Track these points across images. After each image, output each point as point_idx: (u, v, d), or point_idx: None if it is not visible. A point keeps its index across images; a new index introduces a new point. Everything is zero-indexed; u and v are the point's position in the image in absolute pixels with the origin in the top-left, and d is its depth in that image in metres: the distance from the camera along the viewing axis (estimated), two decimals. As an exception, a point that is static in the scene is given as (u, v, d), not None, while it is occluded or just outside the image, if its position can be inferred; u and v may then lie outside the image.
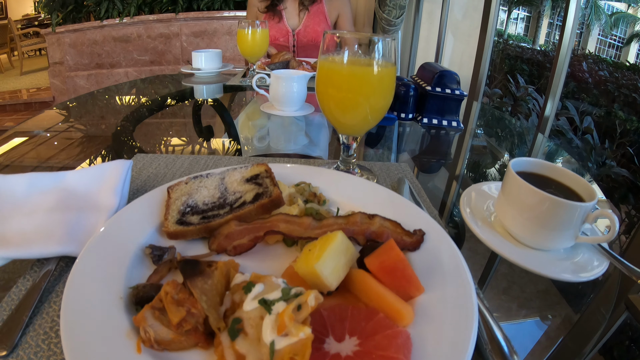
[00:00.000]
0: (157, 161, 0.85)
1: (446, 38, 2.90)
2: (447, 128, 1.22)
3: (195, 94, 1.69)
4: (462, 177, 1.02)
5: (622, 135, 4.39)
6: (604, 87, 6.86)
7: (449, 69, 1.21)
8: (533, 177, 0.65)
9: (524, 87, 3.62)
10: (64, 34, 3.98)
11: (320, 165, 0.83)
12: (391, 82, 0.70)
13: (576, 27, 1.71)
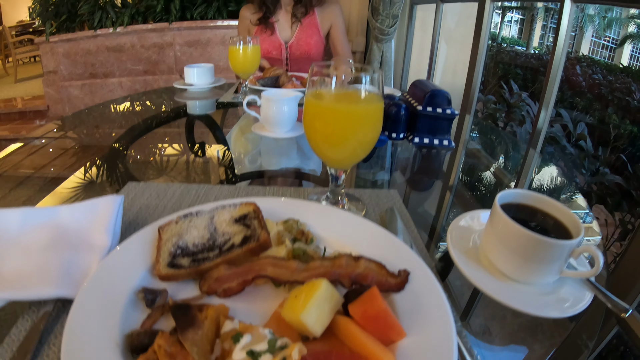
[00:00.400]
0: (148, 190, 0.86)
1: (439, 46, 2.91)
2: (438, 147, 1.23)
3: (188, 109, 1.70)
4: (453, 198, 1.03)
5: (615, 139, 4.41)
6: (597, 90, 6.88)
7: (440, 87, 1.21)
8: (520, 208, 0.66)
9: (518, 94, 3.63)
10: (57, 44, 3.99)
11: (310, 195, 0.84)
12: (379, 115, 0.71)
13: (567, 45, 1.73)
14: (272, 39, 2.16)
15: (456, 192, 1.07)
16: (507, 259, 0.60)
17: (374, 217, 0.78)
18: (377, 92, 0.70)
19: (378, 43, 2.81)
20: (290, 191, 0.87)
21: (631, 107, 5.96)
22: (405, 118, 1.20)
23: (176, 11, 3.66)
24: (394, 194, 0.88)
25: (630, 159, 3.46)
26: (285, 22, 2.18)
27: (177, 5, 3.66)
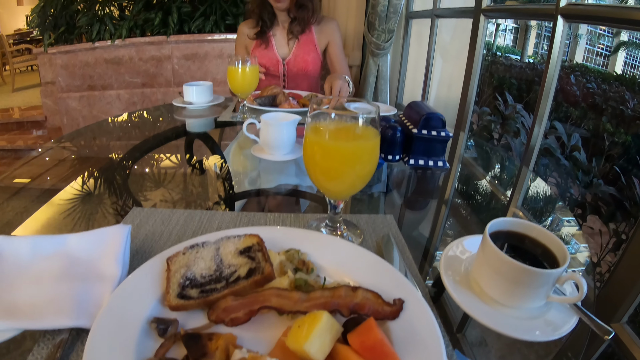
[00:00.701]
0: (153, 217, 0.89)
1: (435, 59, 2.95)
2: (433, 168, 1.26)
3: (187, 127, 1.73)
4: (447, 219, 1.07)
5: (610, 148, 4.44)
6: (591, 100, 6.93)
7: (434, 109, 1.25)
8: (510, 235, 0.69)
9: (512, 106, 3.67)
10: (55, 55, 4.00)
11: (309, 221, 0.87)
12: (376, 149, 0.75)
13: (560, 62, 1.76)
14: (269, 55, 2.16)
15: (451, 213, 1.10)
16: (496, 286, 0.64)
17: (371, 244, 0.81)
18: (374, 126, 0.73)
19: (374, 57, 2.84)
20: (290, 217, 0.90)
21: (625, 116, 6.00)
22: (401, 140, 1.24)
23: (174, 24, 3.69)
24: (390, 220, 0.91)
25: (624, 170, 3.50)
26: (282, 37, 2.19)
27: (175, 19, 3.69)
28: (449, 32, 3.02)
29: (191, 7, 3.82)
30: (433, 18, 2.81)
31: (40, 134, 5.12)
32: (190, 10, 3.80)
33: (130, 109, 4.03)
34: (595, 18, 1.64)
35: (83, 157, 1.52)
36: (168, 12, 3.78)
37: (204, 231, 0.83)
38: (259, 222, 0.88)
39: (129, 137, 1.67)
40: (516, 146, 3.27)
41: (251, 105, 1.70)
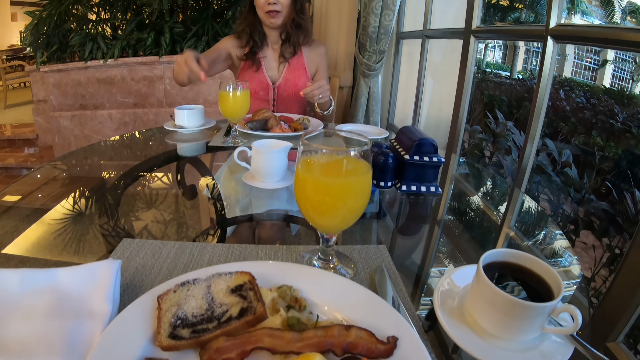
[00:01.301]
0: (143, 249, 0.88)
1: (426, 79, 2.97)
2: (425, 194, 1.26)
3: (178, 151, 1.73)
4: (438, 246, 1.07)
5: (601, 161, 4.48)
6: (581, 114, 6.99)
7: (426, 135, 1.26)
8: (504, 266, 0.70)
9: (503, 123, 3.70)
10: (48, 74, 4.00)
11: (301, 253, 0.87)
12: (368, 183, 0.75)
13: (550, 83, 1.78)
14: (259, 78, 2.11)
15: (444, 238, 1.11)
16: (490, 318, 0.64)
17: (364, 276, 0.81)
18: (366, 160, 0.73)
19: (365, 78, 2.86)
20: (282, 250, 0.90)
21: (615, 130, 6.05)
22: (393, 167, 1.24)
23: (166, 45, 3.70)
24: (382, 250, 0.91)
25: (615, 184, 3.52)
26: (272, 60, 2.14)
27: (167, 39, 3.70)
28: (439, 52, 3.05)
29: (183, 27, 3.84)
30: (424, 39, 2.84)
31: (32, 152, 5.10)
32: (182, 31, 3.82)
33: (122, 129, 4.03)
34: (584, 39, 1.67)
35: (74, 177, 1.53)
36: (160, 33, 3.79)
37: (194, 265, 0.83)
38: (251, 255, 0.87)
39: (121, 160, 1.67)
40: (508, 164, 3.29)
41: (242, 130, 1.70)
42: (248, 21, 2.06)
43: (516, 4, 14.00)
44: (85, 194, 1.30)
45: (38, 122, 4.96)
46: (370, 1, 2.62)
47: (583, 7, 13.16)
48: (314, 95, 1.78)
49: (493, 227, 1.23)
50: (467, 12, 2.26)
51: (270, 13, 1.93)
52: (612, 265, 2.75)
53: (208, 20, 3.78)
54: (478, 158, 3.48)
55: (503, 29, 2.42)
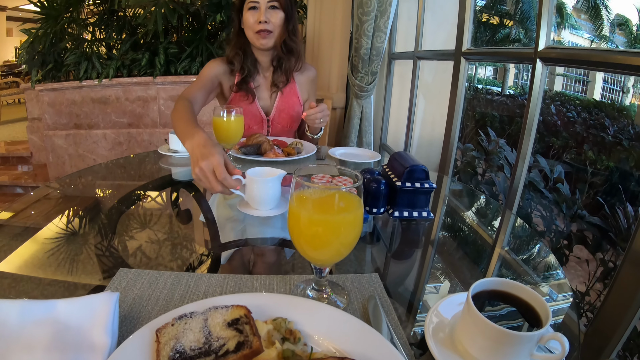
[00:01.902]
0: (140, 279, 0.89)
1: (417, 99, 3.00)
2: (417, 219, 1.28)
3: (173, 175, 1.75)
4: (431, 271, 1.09)
5: (593, 175, 4.51)
6: (572, 128, 7.04)
7: (418, 162, 1.28)
8: (493, 294, 0.72)
9: (495, 141, 3.74)
10: (43, 92, 4.02)
11: (296, 283, 0.89)
12: (361, 217, 0.76)
13: (540, 104, 1.81)
14: (252, 111, 2.03)
15: (438, 264, 1.12)
16: (480, 347, 0.66)
17: (357, 306, 0.82)
18: (359, 195, 0.75)
19: (358, 99, 2.89)
20: (277, 280, 0.91)
21: (606, 143, 6.10)
22: (385, 193, 1.26)
23: (161, 65, 3.73)
24: (375, 279, 0.92)
25: (607, 198, 3.56)
26: (264, 89, 2.06)
27: (161, 60, 3.73)
28: (430, 71, 3.09)
29: (178, 48, 3.87)
30: (415, 60, 2.88)
31: (26, 170, 5.09)
32: (177, 52, 3.84)
33: (116, 149, 4.03)
34: (573, 61, 1.70)
35: (70, 197, 1.55)
36: (155, 53, 3.82)
37: (191, 296, 0.84)
38: (246, 286, 0.88)
39: (115, 180, 1.68)
40: (500, 182, 3.32)
41: (236, 155, 1.71)
42: (238, 47, 1.96)
43: (506, 21, 14.18)
44: (80, 214, 1.32)
45: (32, 140, 4.96)
46: (363, 23, 2.66)
47: (572, 22, 13.32)
48: (315, 119, 1.74)
49: (486, 248, 1.26)
50: (458, 34, 2.30)
51: (260, 33, 1.85)
52: (606, 280, 2.78)
53: (202, 42, 3.82)
54: (470, 176, 3.51)
55: (493, 51, 2.46)
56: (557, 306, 0.91)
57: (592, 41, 14.53)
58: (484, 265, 1.15)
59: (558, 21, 12.18)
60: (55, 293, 0.92)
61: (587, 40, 14.90)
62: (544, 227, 3.32)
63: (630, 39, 11.80)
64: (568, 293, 0.96)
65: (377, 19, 2.65)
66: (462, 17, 2.27)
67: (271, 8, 1.83)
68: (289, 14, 1.87)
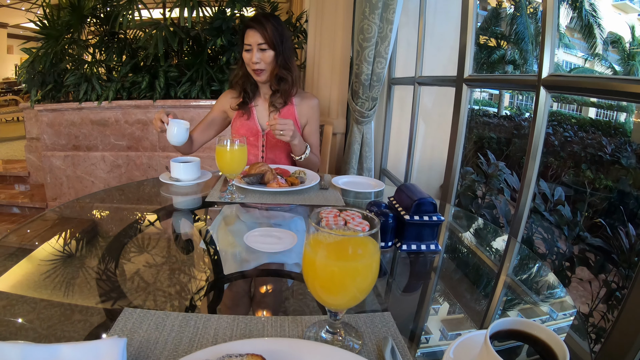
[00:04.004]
0: (147, 320, 0.87)
1: (418, 125, 3.00)
2: (425, 252, 1.27)
3: (174, 204, 1.74)
4: (441, 304, 1.07)
5: (592, 194, 4.51)
6: (570, 148, 7.08)
7: (426, 194, 1.27)
8: (511, 334, 0.71)
9: (495, 164, 3.74)
10: (42, 112, 4.01)
11: (308, 326, 0.87)
12: (377, 262, 0.76)
13: (544, 132, 1.80)
14: (249, 125, 2.23)
15: (447, 296, 1.11)
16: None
17: (372, 347, 0.81)
18: (375, 240, 0.74)
19: (358, 125, 2.89)
20: (288, 321, 0.89)
21: (604, 161, 6.12)
22: (393, 227, 1.25)
23: (160, 88, 3.73)
24: (388, 318, 0.91)
25: (608, 218, 3.55)
26: (263, 109, 2.25)
27: (161, 83, 3.73)
28: (430, 96, 3.10)
29: (178, 71, 3.87)
30: (415, 85, 2.88)
31: (23, 190, 5.07)
32: (177, 75, 3.85)
33: (115, 172, 4.02)
34: (577, 89, 1.69)
35: (71, 220, 1.56)
36: (155, 76, 3.82)
37: (200, 339, 0.82)
38: (256, 328, 0.86)
39: (116, 214, 1.67)
40: (501, 206, 3.31)
41: (239, 185, 1.71)
42: (242, 74, 2.22)
43: (502, 43, 14.32)
44: (79, 238, 1.31)
45: (30, 159, 4.95)
46: (363, 49, 2.68)
47: (566, 41, 13.44)
48: (274, 129, 1.87)
49: (495, 279, 1.24)
50: (459, 60, 2.31)
51: (255, 71, 2.11)
52: (609, 301, 2.76)
53: (202, 65, 3.82)
54: (471, 200, 3.51)
55: (495, 78, 2.47)
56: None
57: (585, 59, 14.73)
58: (494, 298, 1.13)
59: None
60: (51, 316, 0.91)
61: (581, 58, 15.10)
62: (545, 250, 3.31)
63: (623, 56, 11.93)
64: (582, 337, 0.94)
65: (378, 45, 2.67)
66: (463, 43, 2.28)
67: (261, 50, 2.06)
68: (278, 50, 2.08)
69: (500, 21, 14.41)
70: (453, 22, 2.99)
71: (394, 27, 2.62)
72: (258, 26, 2.03)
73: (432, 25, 3.03)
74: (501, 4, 14.49)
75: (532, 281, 1.25)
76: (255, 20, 2.05)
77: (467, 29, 2.26)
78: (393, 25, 2.61)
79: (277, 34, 2.04)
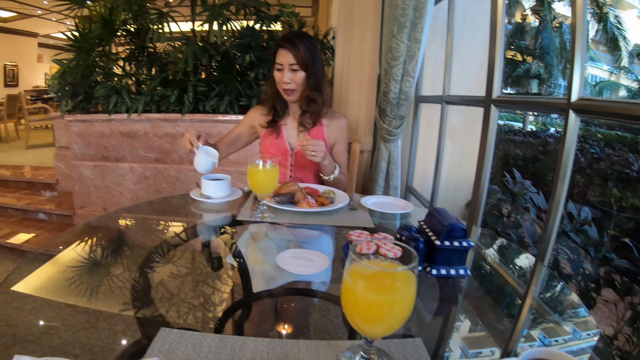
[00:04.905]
0: (183, 341, 0.89)
1: (445, 142, 3.00)
2: (455, 277, 1.27)
3: (204, 220, 1.78)
4: (469, 329, 1.07)
5: (618, 212, 4.44)
6: (596, 165, 6.98)
7: (456, 220, 1.28)
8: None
9: (521, 183, 3.71)
10: (72, 122, 4.10)
11: (342, 351, 0.88)
12: (414, 293, 0.77)
13: (573, 156, 1.79)
14: (278, 144, 2.22)
15: (476, 323, 1.11)
16: None
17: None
18: (413, 272, 0.76)
19: (386, 143, 2.90)
20: (323, 345, 0.90)
21: (631, 179, 6.02)
22: (424, 252, 1.26)
23: (189, 103, 3.78)
24: (419, 344, 0.92)
25: (635, 240, 3.49)
26: (293, 128, 2.25)
27: (190, 97, 3.78)
28: (457, 114, 3.09)
29: (207, 86, 3.92)
30: (443, 104, 2.89)
31: (51, 196, 5.17)
32: (206, 90, 3.90)
33: (143, 183, 4.08)
34: (607, 114, 1.67)
35: (105, 230, 1.60)
36: (184, 90, 3.87)
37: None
38: (292, 351, 0.88)
39: (147, 228, 1.70)
40: (527, 226, 3.28)
41: (270, 204, 1.72)
42: (272, 92, 2.21)
43: (526, 57, 14.21)
44: (107, 248, 1.34)
45: (59, 167, 5.08)
46: (391, 68, 2.69)
47: (591, 54, 13.28)
48: (306, 149, 1.88)
49: (525, 304, 1.24)
50: (488, 81, 2.31)
51: (285, 91, 2.10)
52: (635, 324, 2.71)
53: (231, 81, 3.87)
54: (496, 218, 3.48)
55: (524, 100, 2.47)
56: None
57: (611, 72, 14.56)
58: (519, 322, 1.13)
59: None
60: (76, 323, 0.95)
61: (606, 71, 14.93)
62: (571, 270, 3.26)
63: (649, 68, 11.79)
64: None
65: (406, 63, 2.68)
66: (491, 64, 2.28)
67: (293, 70, 2.05)
68: (310, 71, 2.07)
69: (525, 35, 14.34)
70: (480, 40, 2.99)
71: (421, 45, 2.63)
72: (290, 46, 2.02)
73: (460, 43, 3.04)
74: (525, 18, 14.42)
75: (556, 300, 1.25)
76: (288, 40, 2.04)
77: (495, 47, 2.26)
78: (421, 44, 2.63)
79: (310, 55, 2.04)
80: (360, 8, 3.14)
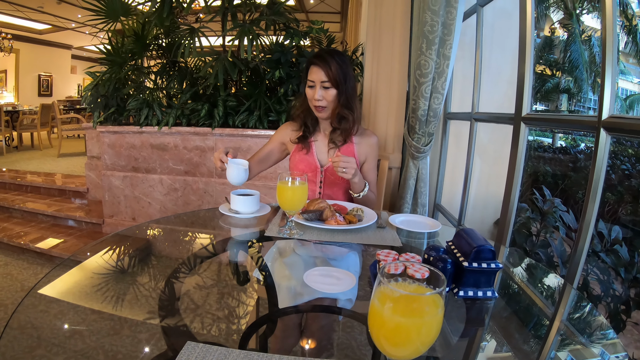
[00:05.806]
0: (209, 355, 0.90)
1: (474, 160, 2.98)
2: (482, 298, 1.27)
3: (232, 235, 1.80)
4: (495, 352, 1.06)
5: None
6: (627, 182, 6.81)
7: (485, 241, 1.27)
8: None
9: (550, 201, 3.66)
10: (104, 133, 4.22)
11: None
12: (442, 316, 0.77)
13: (604, 176, 1.76)
14: (308, 160, 2.22)
15: (503, 345, 1.10)
16: None
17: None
18: (441, 295, 0.76)
19: (414, 160, 2.89)
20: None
21: (664, 198, 5.86)
22: (451, 273, 1.26)
23: (219, 117, 3.83)
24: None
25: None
26: (323, 145, 2.26)
27: (220, 112, 3.83)
28: (486, 131, 3.07)
29: (236, 101, 3.97)
30: (472, 121, 2.87)
31: (81, 204, 5.28)
32: (235, 104, 3.94)
33: (172, 195, 4.14)
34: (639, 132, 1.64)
35: (133, 240, 1.66)
36: (214, 105, 3.93)
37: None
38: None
39: (170, 239, 1.73)
40: (557, 246, 3.23)
41: (298, 221, 1.73)
42: (303, 108, 2.24)
43: (555, 71, 14.02)
44: (135, 257, 1.38)
45: (90, 176, 5.21)
46: (420, 85, 2.69)
47: (621, 67, 13.04)
48: (337, 166, 1.89)
49: (546, 321, 1.23)
50: (517, 98, 2.28)
51: (317, 108, 2.12)
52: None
53: (261, 96, 3.91)
54: (525, 237, 3.43)
55: (554, 118, 2.44)
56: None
57: (641, 85, 14.26)
58: (550, 345, 1.12)
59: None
60: (101, 329, 0.97)
61: (637, 84, 14.63)
62: (601, 291, 3.19)
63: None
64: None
65: (435, 80, 2.68)
66: (521, 80, 2.26)
67: (324, 88, 2.07)
68: (341, 89, 2.08)
69: (554, 48, 14.16)
70: (509, 56, 2.98)
71: (450, 62, 2.62)
72: (322, 64, 2.03)
73: (488, 60, 3.02)
74: (554, 31, 14.24)
75: (584, 322, 1.23)
76: (320, 58, 2.05)
77: (525, 63, 2.24)
78: (450, 61, 2.62)
79: (341, 73, 2.05)
80: (389, 25, 3.16)
